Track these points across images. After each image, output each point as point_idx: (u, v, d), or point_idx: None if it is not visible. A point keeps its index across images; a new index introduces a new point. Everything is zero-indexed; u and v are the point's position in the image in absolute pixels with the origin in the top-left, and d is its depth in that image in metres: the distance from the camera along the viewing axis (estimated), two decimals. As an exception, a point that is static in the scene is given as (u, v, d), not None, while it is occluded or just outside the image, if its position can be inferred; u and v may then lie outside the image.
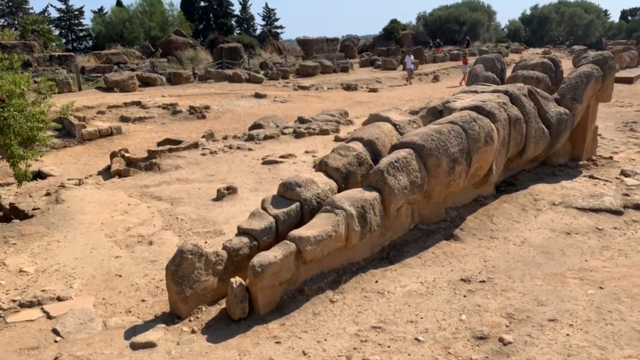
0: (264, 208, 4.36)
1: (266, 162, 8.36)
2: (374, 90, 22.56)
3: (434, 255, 4.62)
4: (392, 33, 48.92)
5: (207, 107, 15.96)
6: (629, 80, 21.37)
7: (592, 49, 43.54)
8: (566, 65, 22.96)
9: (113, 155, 9.03)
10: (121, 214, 6.27)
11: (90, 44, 46.79)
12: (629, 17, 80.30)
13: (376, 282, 4.14)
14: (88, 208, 6.46)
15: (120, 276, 4.57)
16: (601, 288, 3.95)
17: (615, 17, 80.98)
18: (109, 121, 13.87)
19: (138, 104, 15.79)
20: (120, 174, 8.09)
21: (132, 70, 23.06)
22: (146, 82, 20.65)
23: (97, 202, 6.70)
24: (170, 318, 3.75)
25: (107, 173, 8.33)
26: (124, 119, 14.24)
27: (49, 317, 3.88)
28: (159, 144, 9.95)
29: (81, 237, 5.51)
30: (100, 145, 11.73)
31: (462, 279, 4.18)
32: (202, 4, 55.81)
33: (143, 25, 39.69)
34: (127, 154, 9.01)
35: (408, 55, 25.73)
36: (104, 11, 47.73)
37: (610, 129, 10.36)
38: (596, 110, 7.73)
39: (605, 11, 73.53)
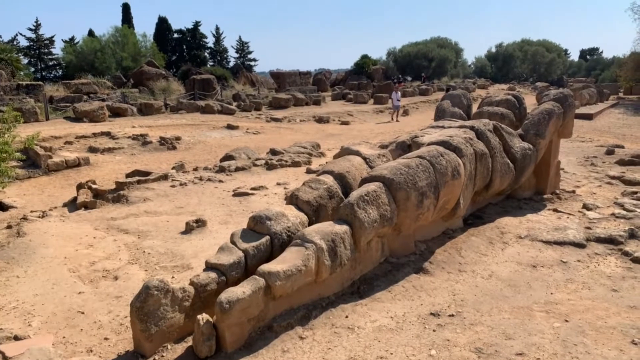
0: (233, 242, 4.31)
1: (237, 194, 8.31)
2: (345, 123, 22.90)
3: (404, 289, 4.63)
4: (363, 68, 50.06)
5: (178, 138, 15.87)
6: (589, 117, 22.32)
7: (555, 85, 45.50)
8: (530, 100, 23.87)
9: (80, 186, 8.83)
10: (86, 247, 6.10)
11: (60, 73, 46.23)
12: (588, 57, 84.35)
13: (346, 317, 4.11)
14: (51, 241, 6.26)
15: (83, 313, 4.41)
16: (566, 321, 4.01)
17: (575, 56, 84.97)
18: (77, 152, 13.61)
19: (107, 134, 15.59)
20: (86, 206, 7.91)
21: (103, 100, 22.82)
22: (116, 113, 20.46)
23: (61, 236, 6.50)
24: (135, 357, 3.62)
25: (72, 205, 8.12)
26: (92, 150, 14.01)
27: (5, 357, 3.69)
28: (127, 176, 9.79)
29: (42, 272, 5.32)
30: (67, 176, 11.46)
31: (431, 313, 4.18)
32: (176, 35, 56.14)
33: (115, 55, 39.54)
34: (94, 186, 8.83)
35: (395, 92, 25.72)
36: (75, 41, 47.42)
37: (572, 163, 10.73)
38: (558, 145, 8.01)
39: (566, 50, 77.18)
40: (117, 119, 19.60)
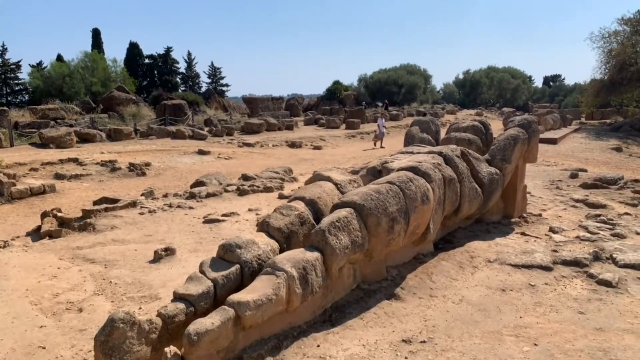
0: (202, 271, 4.23)
1: (207, 221, 8.20)
2: (318, 147, 23.03)
3: (376, 316, 4.61)
4: (335, 93, 50.72)
5: (147, 164, 15.65)
6: (553, 141, 23.02)
7: (520, 110, 46.96)
8: (497, 125, 24.50)
9: (44, 215, 8.57)
10: (49, 278, 5.89)
11: (26, 98, 45.29)
12: (551, 83, 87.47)
13: (318, 346, 4.05)
14: (12, 273, 6.03)
15: (44, 348, 4.23)
16: (535, 345, 4.06)
17: (539, 82, 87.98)
18: (43, 179, 13.26)
19: (75, 160, 15.27)
20: (51, 235, 7.67)
21: (70, 126, 22.44)
22: (85, 139, 20.12)
23: (23, 266, 6.27)
24: (98, 394, 3.48)
25: (36, 234, 7.87)
26: (58, 177, 13.67)
27: (-42, 398, 3.51)
28: (94, 203, 9.57)
29: (2, 305, 5.10)
30: (31, 204, 11.12)
31: (403, 340, 4.17)
32: (147, 61, 55.91)
33: (84, 80, 39.07)
34: (59, 214, 8.58)
35: (380, 119, 25.63)
36: (43, 65, 46.69)
37: (538, 187, 11.00)
38: (524, 170, 8.22)
39: (530, 77, 79.86)
40: (85, 145, 19.25)
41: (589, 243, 6.66)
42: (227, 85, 63.42)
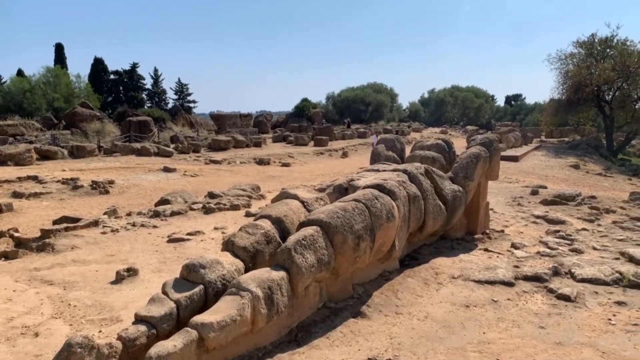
0: (164, 292, 4.15)
1: (172, 240, 8.05)
2: (286, 164, 23.03)
3: (342, 335, 4.60)
4: (304, 111, 51.00)
5: (111, 182, 15.30)
6: (515, 159, 23.68)
7: (484, 129, 48.31)
8: (461, 143, 25.06)
9: (0, 235, 8.26)
10: (4, 302, 5.65)
11: (-16, 114, 43.80)
12: (512, 102, 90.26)
13: (283, 366, 4.01)
14: (-36, 297, 5.75)
15: (-4, 376, 4.05)
16: (498, 360, 4.12)
17: (501, 101, 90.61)
18: (-1, 197, 12.79)
19: (34, 178, 14.79)
20: (6, 256, 7.38)
21: (30, 142, 21.80)
22: (45, 156, 19.57)
23: (-25, 290, 6.00)
24: (53, 423, 3.34)
25: (-9, 255, 7.55)
26: (16, 195, 13.19)
27: None
28: (54, 222, 9.27)
29: (-48, 331, 4.85)
30: (-14, 223, 10.69)
31: (369, 358, 4.17)
32: (112, 77, 55.05)
33: (46, 96, 38.08)
34: (16, 234, 8.29)
35: (375, 136, 25.80)
36: (3, 80, 45.37)
37: (501, 203, 11.27)
38: (486, 187, 8.42)
39: (493, 96, 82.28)
40: (45, 162, 18.70)
41: (549, 258, 6.85)
42: (194, 101, 62.97)
